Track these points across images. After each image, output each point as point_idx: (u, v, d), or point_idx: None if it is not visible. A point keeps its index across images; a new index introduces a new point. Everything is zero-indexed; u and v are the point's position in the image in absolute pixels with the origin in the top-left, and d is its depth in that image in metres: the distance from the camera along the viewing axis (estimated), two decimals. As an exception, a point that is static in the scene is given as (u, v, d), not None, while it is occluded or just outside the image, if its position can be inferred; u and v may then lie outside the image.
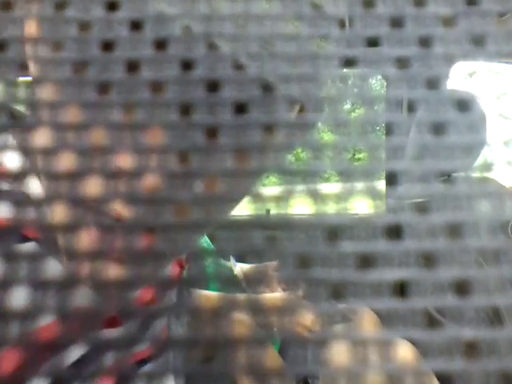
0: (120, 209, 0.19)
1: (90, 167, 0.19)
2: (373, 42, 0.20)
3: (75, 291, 0.19)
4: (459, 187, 0.19)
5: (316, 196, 0.19)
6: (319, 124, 0.21)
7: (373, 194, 0.20)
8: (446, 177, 0.77)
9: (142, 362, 0.30)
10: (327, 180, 0.20)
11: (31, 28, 0.21)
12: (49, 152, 0.19)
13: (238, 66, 0.18)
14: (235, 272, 0.81)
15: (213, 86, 0.18)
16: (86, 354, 0.22)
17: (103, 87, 0.19)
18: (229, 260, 0.83)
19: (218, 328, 0.18)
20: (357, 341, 0.19)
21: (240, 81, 0.18)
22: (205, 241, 0.83)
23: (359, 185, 0.20)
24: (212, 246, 0.82)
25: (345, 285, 0.18)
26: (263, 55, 0.19)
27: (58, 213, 0.19)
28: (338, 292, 0.18)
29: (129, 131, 0.20)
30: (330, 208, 0.19)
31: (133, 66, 0.18)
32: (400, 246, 0.19)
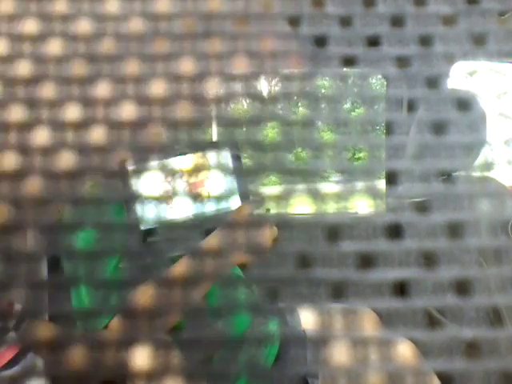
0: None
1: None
2: (373, 41, 0.20)
3: None
4: (459, 186, 0.19)
5: (316, 195, 0.19)
6: (319, 123, 0.21)
7: (373, 193, 0.19)
8: (447, 176, 0.77)
9: (8, 364, 0.30)
10: (327, 179, 0.20)
11: None
12: None
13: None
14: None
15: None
16: None
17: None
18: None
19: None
20: (357, 340, 0.19)
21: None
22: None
23: (359, 184, 0.20)
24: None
25: (345, 285, 0.18)
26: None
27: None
28: (338, 292, 0.18)
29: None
30: (331, 207, 0.19)
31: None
32: (400, 245, 0.19)
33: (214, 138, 0.42)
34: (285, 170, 0.19)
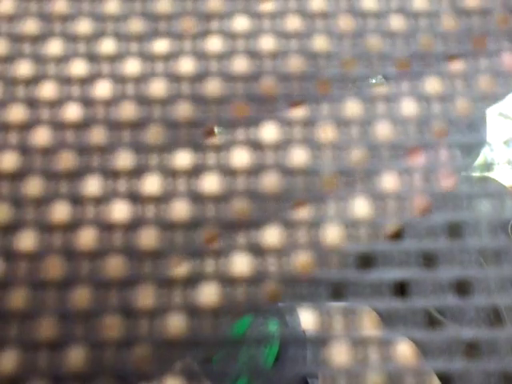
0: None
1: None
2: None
3: None
4: (459, 187, 0.19)
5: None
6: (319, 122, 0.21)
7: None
8: (446, 176, 0.76)
9: None
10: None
11: None
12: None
13: None
14: None
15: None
16: None
17: None
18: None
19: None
20: (357, 340, 0.19)
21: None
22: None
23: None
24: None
25: (345, 285, 0.18)
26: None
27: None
28: (338, 292, 0.18)
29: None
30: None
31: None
32: (400, 245, 0.19)
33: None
34: (284, 170, 0.19)
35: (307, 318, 0.58)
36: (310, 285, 0.18)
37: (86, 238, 0.18)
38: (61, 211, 0.19)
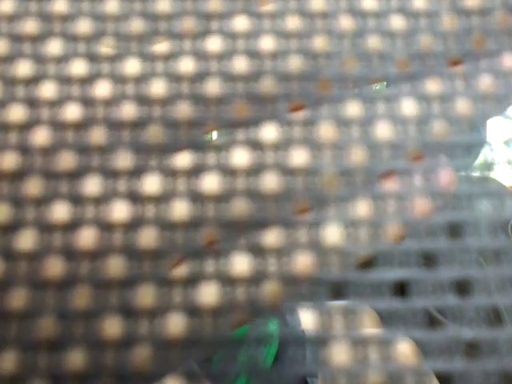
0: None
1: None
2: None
3: None
4: (459, 186, 0.19)
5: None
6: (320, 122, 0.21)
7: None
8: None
9: None
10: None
11: None
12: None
13: None
14: None
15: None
16: None
17: None
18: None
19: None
20: (357, 340, 0.19)
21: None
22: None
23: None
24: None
25: (345, 285, 0.18)
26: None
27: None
28: (338, 292, 0.18)
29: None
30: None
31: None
32: (400, 245, 0.19)
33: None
34: (285, 170, 0.19)
35: (307, 318, 0.58)
36: (310, 285, 0.18)
37: (86, 237, 0.18)
38: (61, 211, 0.19)
